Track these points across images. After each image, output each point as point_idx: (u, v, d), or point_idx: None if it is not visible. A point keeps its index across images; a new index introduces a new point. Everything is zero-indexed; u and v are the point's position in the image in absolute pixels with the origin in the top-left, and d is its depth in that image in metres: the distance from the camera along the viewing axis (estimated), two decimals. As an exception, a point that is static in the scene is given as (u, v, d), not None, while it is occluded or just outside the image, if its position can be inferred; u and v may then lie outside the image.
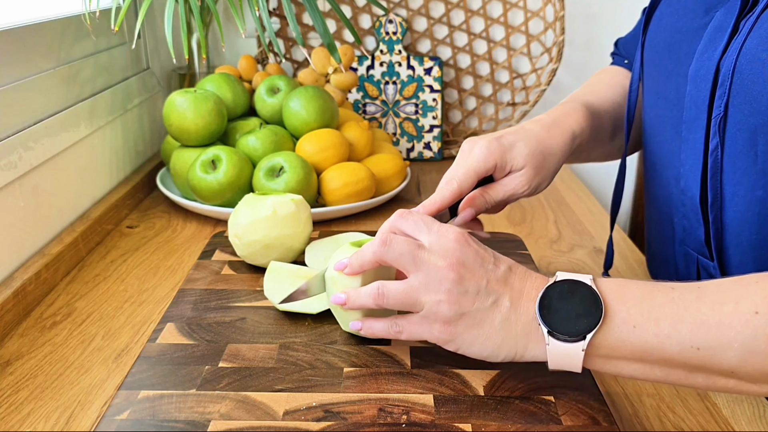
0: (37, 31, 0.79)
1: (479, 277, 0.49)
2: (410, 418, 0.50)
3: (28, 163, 0.73)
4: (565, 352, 0.47)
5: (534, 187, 0.64)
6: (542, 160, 0.63)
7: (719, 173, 0.54)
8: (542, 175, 0.64)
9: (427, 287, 0.50)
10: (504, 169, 0.63)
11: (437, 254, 0.50)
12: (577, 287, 0.48)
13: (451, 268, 0.49)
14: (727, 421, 0.54)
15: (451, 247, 0.50)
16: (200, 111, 0.90)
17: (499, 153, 0.62)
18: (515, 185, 0.63)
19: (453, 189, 0.61)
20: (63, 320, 0.68)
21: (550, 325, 0.48)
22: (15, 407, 0.55)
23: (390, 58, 1.18)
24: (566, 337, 0.47)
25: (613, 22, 1.24)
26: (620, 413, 0.55)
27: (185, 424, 0.49)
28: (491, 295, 0.49)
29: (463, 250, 0.50)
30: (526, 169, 0.63)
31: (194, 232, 0.88)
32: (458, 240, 0.50)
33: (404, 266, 0.51)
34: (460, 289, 0.49)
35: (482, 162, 0.61)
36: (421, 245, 0.51)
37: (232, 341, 0.60)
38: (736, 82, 0.51)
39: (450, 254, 0.50)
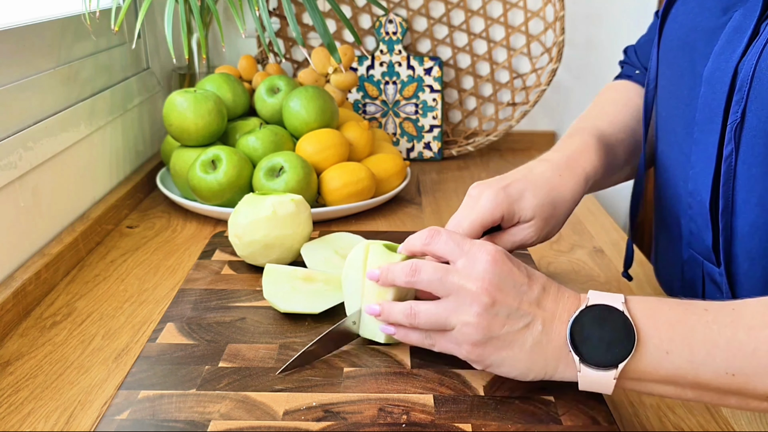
0: (37, 31, 0.79)
1: (512, 300, 0.48)
2: (410, 418, 0.50)
3: (28, 163, 0.73)
4: (597, 378, 0.47)
5: (543, 237, 0.62)
6: (552, 209, 0.61)
7: (732, 180, 0.53)
8: (552, 224, 0.62)
9: (457, 310, 0.49)
10: (512, 220, 0.61)
11: (468, 277, 0.48)
12: (610, 313, 0.46)
13: (483, 291, 0.48)
14: (727, 421, 0.54)
15: (483, 269, 0.48)
16: (200, 111, 0.90)
17: (506, 204, 0.60)
18: (523, 236, 0.61)
19: None
20: (63, 320, 0.68)
21: (581, 354, 0.47)
22: (15, 407, 0.55)
23: (390, 58, 1.18)
24: (598, 366, 0.46)
25: (613, 22, 1.24)
26: (620, 413, 0.55)
27: (185, 424, 0.49)
28: (523, 318, 0.48)
29: (496, 271, 0.48)
30: (536, 221, 0.61)
31: (194, 232, 0.88)
32: (491, 260, 0.48)
33: (434, 291, 0.50)
34: (491, 312, 0.48)
35: (488, 213, 0.59)
36: (451, 269, 0.49)
37: (232, 341, 0.60)
38: (755, 87, 0.50)
39: (482, 277, 0.48)
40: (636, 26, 1.24)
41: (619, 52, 1.26)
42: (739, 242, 0.54)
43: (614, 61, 1.26)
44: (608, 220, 0.95)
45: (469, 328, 0.48)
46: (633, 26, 1.24)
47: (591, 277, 0.77)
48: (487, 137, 1.21)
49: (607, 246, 0.86)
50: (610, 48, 1.25)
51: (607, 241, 0.87)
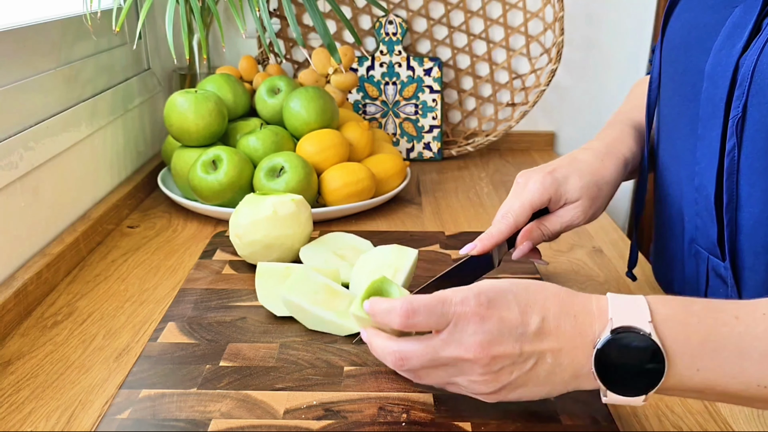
0: (39, 31, 0.79)
1: (510, 348, 0.45)
2: (410, 416, 0.50)
3: (29, 163, 0.73)
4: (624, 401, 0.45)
5: (589, 217, 0.65)
6: (597, 191, 0.64)
7: (735, 174, 0.53)
8: (597, 206, 0.65)
9: (460, 375, 0.47)
10: (559, 202, 0.64)
11: (460, 345, 0.46)
12: (637, 340, 0.44)
13: (479, 355, 0.45)
14: (725, 420, 0.55)
15: (472, 331, 0.45)
16: (201, 111, 0.90)
17: (553, 188, 0.63)
18: (571, 216, 0.64)
19: (509, 223, 0.62)
20: (64, 320, 0.68)
21: (608, 385, 0.45)
22: (16, 407, 0.55)
23: (390, 59, 1.18)
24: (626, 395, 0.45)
25: (613, 22, 1.24)
26: (619, 412, 0.55)
27: (186, 423, 0.49)
28: (529, 360, 0.46)
29: (486, 329, 0.45)
30: (582, 201, 0.63)
31: (195, 232, 0.89)
32: (477, 320, 0.45)
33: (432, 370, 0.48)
34: (493, 368, 0.46)
35: (537, 196, 0.62)
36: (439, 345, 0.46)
37: (232, 340, 0.60)
38: (756, 82, 0.50)
39: (471, 341, 0.45)
40: (635, 27, 1.24)
41: (618, 53, 1.26)
42: (743, 236, 0.55)
43: (614, 62, 1.27)
44: (607, 220, 0.95)
45: (478, 385, 0.47)
46: (632, 27, 1.24)
47: (590, 276, 0.77)
48: (487, 137, 1.21)
49: (606, 246, 0.86)
50: (610, 48, 1.26)
51: (607, 241, 0.88)
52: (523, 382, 0.46)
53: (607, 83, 1.27)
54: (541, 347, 0.45)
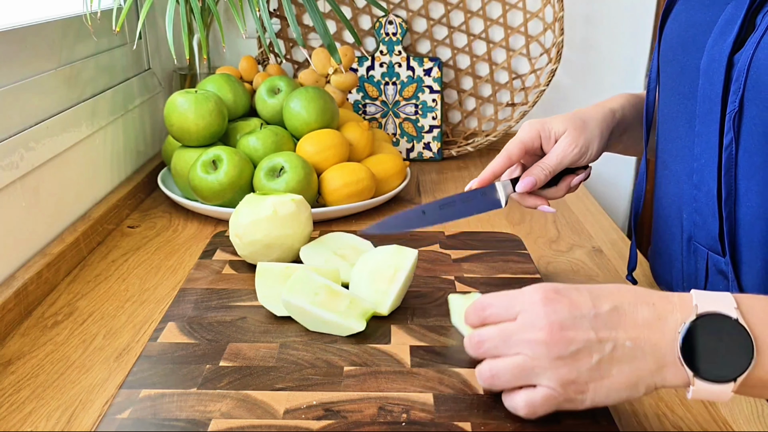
0: (39, 31, 0.79)
1: (584, 333, 0.45)
2: (410, 416, 0.50)
3: (29, 163, 0.73)
4: (712, 391, 0.44)
5: (582, 148, 0.68)
6: (581, 123, 0.68)
7: (734, 168, 0.54)
8: (586, 136, 0.68)
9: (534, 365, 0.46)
10: (549, 139, 0.69)
11: (530, 327, 0.46)
12: (724, 324, 0.44)
13: (549, 336, 0.45)
14: (725, 420, 0.55)
15: (541, 312, 0.46)
16: (201, 111, 0.90)
17: (539, 124, 0.69)
18: (563, 147, 0.68)
19: (503, 156, 0.68)
20: (64, 320, 0.68)
21: (696, 370, 0.44)
22: (16, 406, 0.55)
23: (390, 59, 1.18)
24: (714, 381, 0.44)
25: (612, 23, 1.24)
26: (619, 412, 0.55)
27: (186, 422, 0.49)
28: (606, 344, 0.45)
29: (556, 309, 0.46)
30: (569, 131, 0.68)
31: (195, 232, 0.89)
32: (545, 301, 0.46)
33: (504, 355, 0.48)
34: (570, 350, 0.45)
35: (525, 134, 0.69)
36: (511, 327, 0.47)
37: (232, 340, 0.60)
38: (752, 77, 0.51)
39: (543, 322, 0.45)
40: (635, 27, 1.24)
41: (617, 53, 1.26)
42: (742, 231, 0.55)
43: (613, 62, 1.27)
44: (607, 220, 0.95)
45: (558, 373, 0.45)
46: (632, 27, 1.24)
47: (590, 277, 0.78)
48: (487, 138, 1.21)
49: (605, 246, 0.86)
50: (609, 49, 1.26)
51: (606, 241, 0.88)
52: (606, 370, 0.45)
53: (606, 83, 1.27)
54: (617, 333, 0.45)
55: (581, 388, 0.45)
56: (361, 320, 0.60)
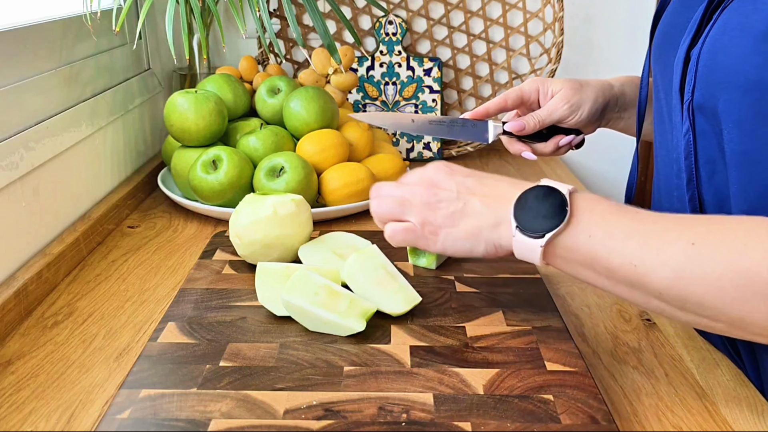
0: (39, 31, 0.79)
1: (448, 188, 0.58)
2: (410, 416, 0.50)
3: (29, 163, 0.73)
4: (527, 245, 0.53)
5: (573, 106, 0.73)
6: (578, 85, 0.74)
7: (693, 154, 0.58)
8: (580, 97, 0.74)
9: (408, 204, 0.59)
10: (546, 95, 0.75)
11: (412, 182, 0.60)
12: (552, 194, 0.53)
13: (422, 185, 0.59)
14: (725, 420, 0.55)
15: (424, 172, 0.60)
16: (201, 111, 0.90)
17: (541, 80, 0.76)
18: (555, 102, 0.74)
19: (499, 98, 0.75)
20: (64, 320, 0.68)
21: (518, 221, 0.54)
22: (16, 406, 0.55)
23: (390, 59, 1.18)
24: (530, 233, 0.53)
25: (612, 22, 1.24)
26: (619, 412, 0.55)
27: (186, 423, 0.49)
28: (461, 200, 0.57)
29: (435, 171, 0.60)
30: (564, 89, 0.74)
31: (195, 232, 0.89)
32: (432, 166, 0.61)
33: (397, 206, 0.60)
34: (435, 199, 0.58)
35: (526, 84, 0.76)
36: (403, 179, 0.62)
37: (232, 340, 0.60)
38: (700, 68, 0.55)
39: (422, 177, 0.60)
40: (635, 27, 1.24)
41: (617, 53, 1.26)
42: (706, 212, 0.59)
43: (613, 62, 1.27)
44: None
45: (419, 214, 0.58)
46: (632, 27, 1.24)
47: (590, 277, 0.78)
48: (487, 138, 1.21)
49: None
50: (609, 49, 1.26)
51: (607, 242, 0.88)
52: (458, 220, 0.57)
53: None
54: (473, 196, 0.57)
55: (435, 230, 0.58)
56: (360, 320, 0.60)
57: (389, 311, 0.63)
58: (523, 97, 0.75)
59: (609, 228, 0.51)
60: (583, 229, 0.52)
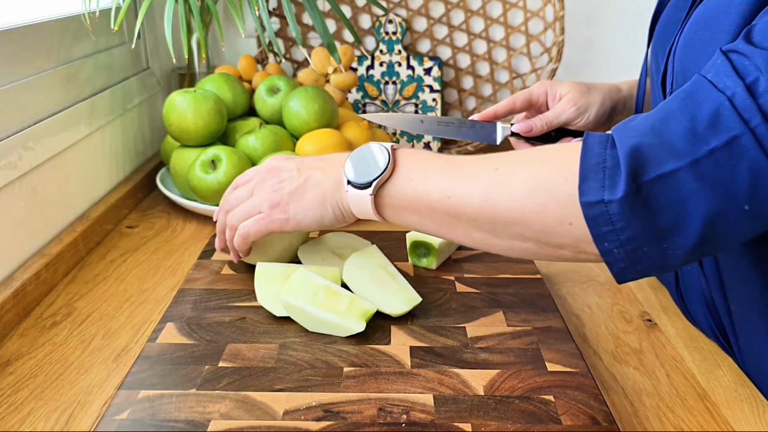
0: (37, 31, 0.79)
1: (289, 169, 0.62)
2: (410, 417, 0.50)
3: (28, 163, 0.73)
4: (359, 197, 0.57)
5: (580, 108, 0.75)
6: (586, 88, 0.76)
7: None
8: (587, 99, 0.75)
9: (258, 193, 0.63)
10: (554, 98, 0.76)
11: (251, 176, 0.65)
12: (376, 150, 0.58)
13: (263, 171, 0.63)
14: (726, 421, 0.54)
15: (261, 166, 0.65)
16: (200, 111, 0.90)
17: (548, 83, 0.77)
18: (563, 104, 0.75)
19: (508, 100, 0.76)
20: (63, 320, 0.68)
21: (348, 176, 0.58)
22: (15, 407, 0.55)
23: (390, 58, 1.18)
24: (359, 185, 0.57)
25: (613, 22, 1.24)
26: (620, 413, 0.55)
27: (185, 423, 0.49)
28: (302, 175, 0.61)
29: (273, 160, 0.64)
30: (571, 93, 0.75)
31: (194, 232, 0.88)
32: (268, 159, 0.65)
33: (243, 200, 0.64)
34: (276, 179, 0.62)
35: (535, 87, 0.77)
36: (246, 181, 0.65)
37: (231, 341, 0.60)
38: (675, 62, 0.57)
39: (259, 168, 0.64)
40: (635, 26, 1.24)
41: (618, 52, 1.26)
42: None
43: (613, 61, 1.26)
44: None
45: (268, 195, 0.62)
46: (632, 26, 1.24)
47: (590, 277, 0.77)
48: (487, 137, 1.21)
49: (606, 246, 0.86)
50: (610, 48, 1.26)
51: (607, 241, 0.87)
52: (301, 192, 0.61)
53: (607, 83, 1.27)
54: (313, 170, 0.61)
55: (284, 209, 0.61)
56: (360, 321, 0.60)
57: (389, 312, 0.63)
58: (531, 99, 0.76)
59: (426, 169, 0.55)
60: (403, 174, 0.56)
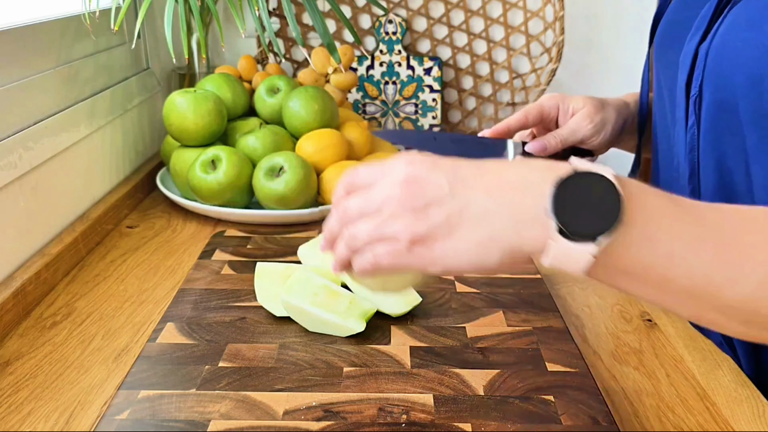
0: (37, 31, 0.79)
1: (437, 185, 0.43)
2: (410, 417, 0.50)
3: (28, 163, 0.73)
4: (570, 252, 0.40)
5: (597, 125, 0.71)
6: (600, 104, 0.72)
7: (696, 148, 0.58)
8: (602, 116, 0.71)
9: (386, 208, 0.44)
10: (567, 113, 0.72)
11: (385, 184, 0.44)
12: (596, 180, 0.41)
13: (397, 180, 0.44)
14: (726, 421, 0.54)
15: (396, 170, 0.44)
16: (200, 111, 0.90)
17: (560, 97, 0.73)
18: (578, 121, 0.71)
19: (519, 114, 0.71)
20: (63, 320, 0.68)
21: (559, 220, 0.40)
22: (15, 407, 0.55)
23: (390, 58, 1.18)
24: (576, 235, 0.40)
25: (613, 22, 1.24)
26: (620, 413, 0.55)
27: (185, 423, 0.49)
28: (458, 199, 0.42)
29: (411, 164, 0.44)
30: (587, 107, 0.71)
31: (194, 232, 0.88)
32: (405, 160, 0.44)
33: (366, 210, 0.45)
34: (418, 201, 0.43)
35: (546, 100, 0.72)
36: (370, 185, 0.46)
37: (231, 341, 0.60)
38: (709, 64, 0.56)
39: (396, 176, 0.44)
40: (635, 26, 1.24)
41: (618, 53, 1.26)
42: None
43: (613, 62, 1.26)
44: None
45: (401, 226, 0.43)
46: (632, 26, 1.24)
47: (591, 277, 0.77)
48: (487, 137, 1.21)
49: (606, 246, 0.86)
50: (610, 48, 1.26)
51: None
52: (454, 225, 0.42)
53: (607, 83, 1.27)
54: (472, 190, 0.43)
55: (430, 246, 0.43)
56: (360, 321, 0.60)
57: (389, 312, 0.63)
58: (543, 113, 0.73)
59: (672, 228, 0.41)
60: (641, 230, 0.40)
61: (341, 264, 0.48)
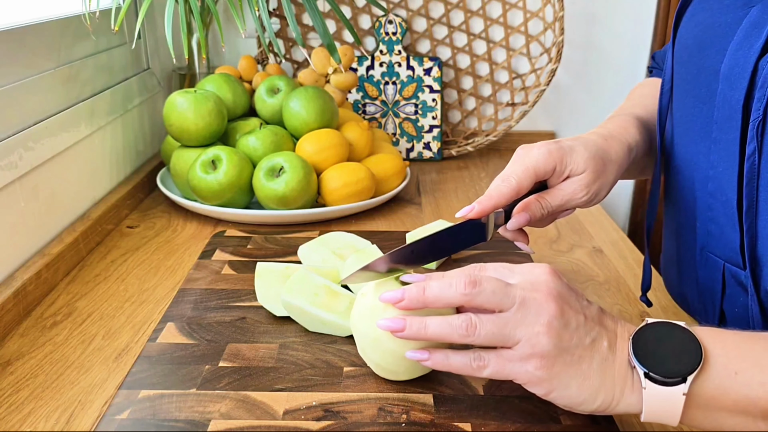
0: (37, 31, 0.79)
1: (577, 312, 0.46)
2: (410, 417, 0.50)
3: (28, 163, 0.73)
4: (664, 397, 0.43)
5: (592, 194, 0.61)
6: (602, 165, 0.61)
7: (756, 179, 0.51)
8: (601, 182, 0.61)
9: (524, 320, 0.45)
10: (563, 173, 0.60)
11: (531, 288, 0.47)
12: (672, 329, 0.45)
13: (550, 299, 0.46)
14: (726, 420, 0.54)
15: (544, 279, 0.47)
16: (200, 111, 0.90)
17: (559, 155, 0.59)
18: (573, 189, 0.60)
19: (511, 186, 0.58)
20: (63, 320, 0.68)
21: (647, 366, 0.44)
22: (15, 407, 0.55)
23: (390, 59, 1.18)
24: (665, 378, 0.43)
25: (613, 22, 1.24)
26: (619, 413, 0.55)
27: (185, 423, 0.49)
28: (590, 332, 0.46)
29: (558, 282, 0.47)
30: (587, 173, 0.60)
31: (194, 232, 0.89)
32: (550, 272, 0.48)
33: (497, 304, 0.47)
34: (561, 321, 0.45)
35: (542, 162, 0.59)
36: (510, 284, 0.47)
37: (232, 341, 0.60)
38: None
39: (545, 286, 0.46)
40: (635, 27, 1.24)
41: (618, 52, 1.26)
42: (761, 243, 0.52)
43: (613, 62, 1.27)
44: (607, 219, 0.95)
45: (540, 337, 0.45)
46: (632, 27, 1.24)
47: (590, 277, 0.77)
48: (487, 137, 1.21)
49: (606, 246, 0.86)
50: (610, 48, 1.26)
51: (607, 241, 0.87)
52: (579, 357, 0.45)
53: (606, 83, 1.27)
54: (600, 328, 0.46)
55: (550, 366, 0.45)
56: None
57: None
58: (537, 178, 0.60)
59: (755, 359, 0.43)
60: (724, 366, 0.43)
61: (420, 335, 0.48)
